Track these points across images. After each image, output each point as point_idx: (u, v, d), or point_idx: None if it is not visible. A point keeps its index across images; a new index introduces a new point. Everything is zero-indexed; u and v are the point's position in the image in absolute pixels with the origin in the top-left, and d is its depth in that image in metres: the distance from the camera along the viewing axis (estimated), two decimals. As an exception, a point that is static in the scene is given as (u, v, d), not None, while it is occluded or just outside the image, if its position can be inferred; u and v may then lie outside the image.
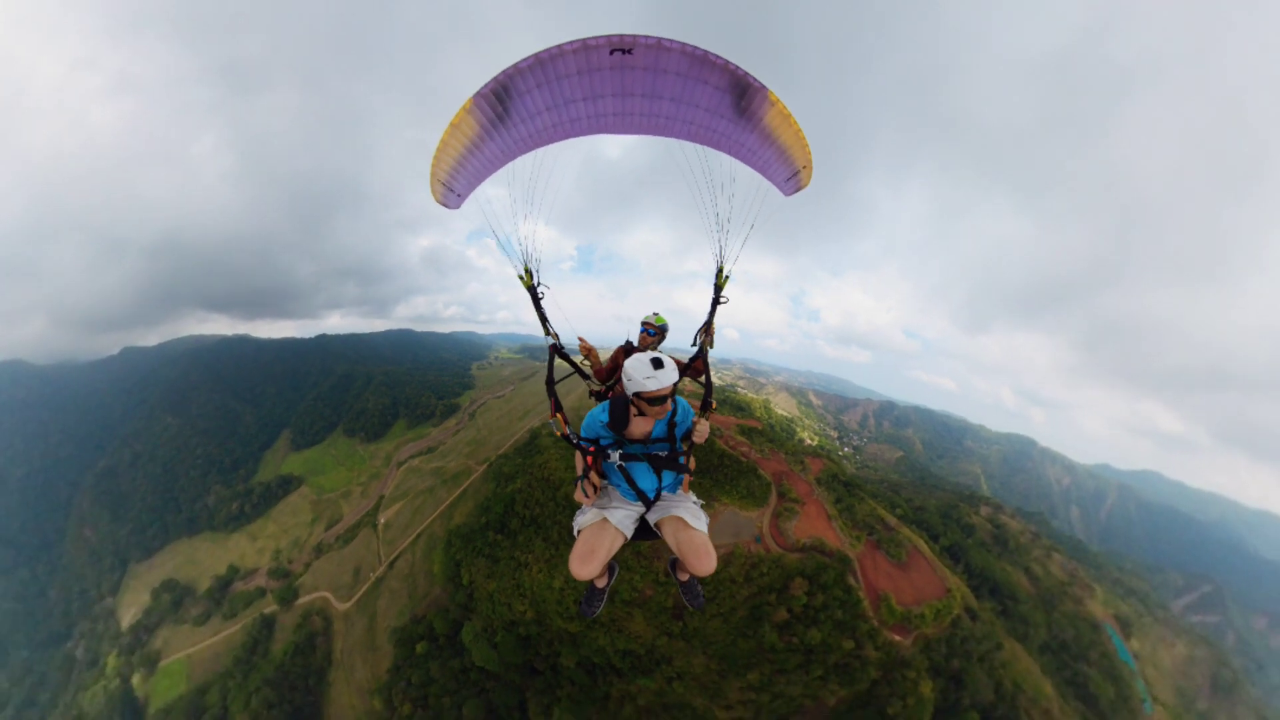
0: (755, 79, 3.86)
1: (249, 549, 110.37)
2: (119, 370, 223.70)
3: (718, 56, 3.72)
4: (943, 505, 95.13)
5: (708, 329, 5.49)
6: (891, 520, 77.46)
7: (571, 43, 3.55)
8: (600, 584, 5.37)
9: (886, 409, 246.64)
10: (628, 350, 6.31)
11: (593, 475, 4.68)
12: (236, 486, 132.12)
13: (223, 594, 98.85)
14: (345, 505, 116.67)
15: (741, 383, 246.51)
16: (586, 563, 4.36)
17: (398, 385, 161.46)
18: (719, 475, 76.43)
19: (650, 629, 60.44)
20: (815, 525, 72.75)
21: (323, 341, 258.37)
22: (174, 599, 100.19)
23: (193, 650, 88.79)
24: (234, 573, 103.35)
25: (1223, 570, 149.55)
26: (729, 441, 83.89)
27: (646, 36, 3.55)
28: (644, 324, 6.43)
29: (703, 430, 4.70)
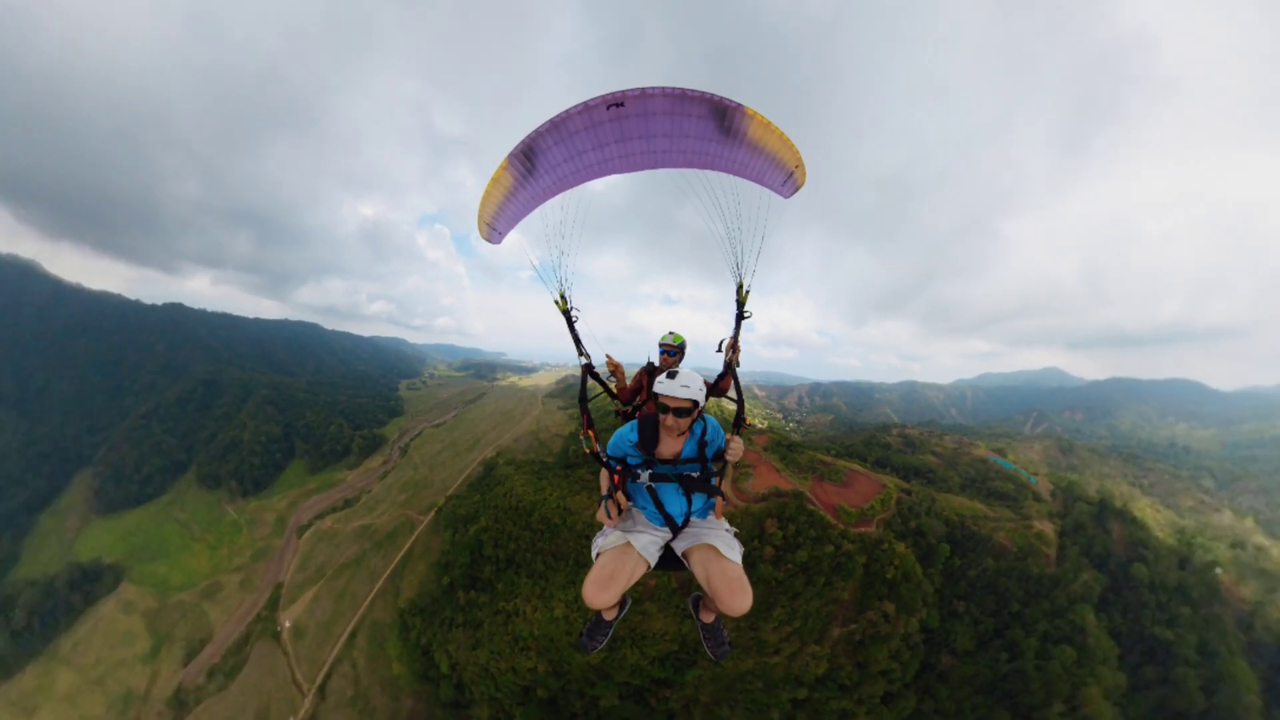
0: (731, 100, 4.25)
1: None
2: None
3: (694, 90, 4.16)
4: (865, 439, 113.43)
5: (734, 345, 5.51)
6: (828, 459, 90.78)
7: (575, 106, 4.24)
8: (609, 616, 4.88)
9: (815, 388, 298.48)
10: (650, 371, 6.26)
11: (618, 495, 4.50)
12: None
13: None
14: (213, 610, 76.83)
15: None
16: (605, 589, 4.07)
17: (294, 406, 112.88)
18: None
19: (671, 621, 59.36)
20: (768, 479, 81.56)
21: (176, 315, 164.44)
22: None
23: None
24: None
25: (1039, 403, 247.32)
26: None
27: (633, 89, 4.13)
28: (662, 345, 6.36)
29: (736, 448, 4.47)
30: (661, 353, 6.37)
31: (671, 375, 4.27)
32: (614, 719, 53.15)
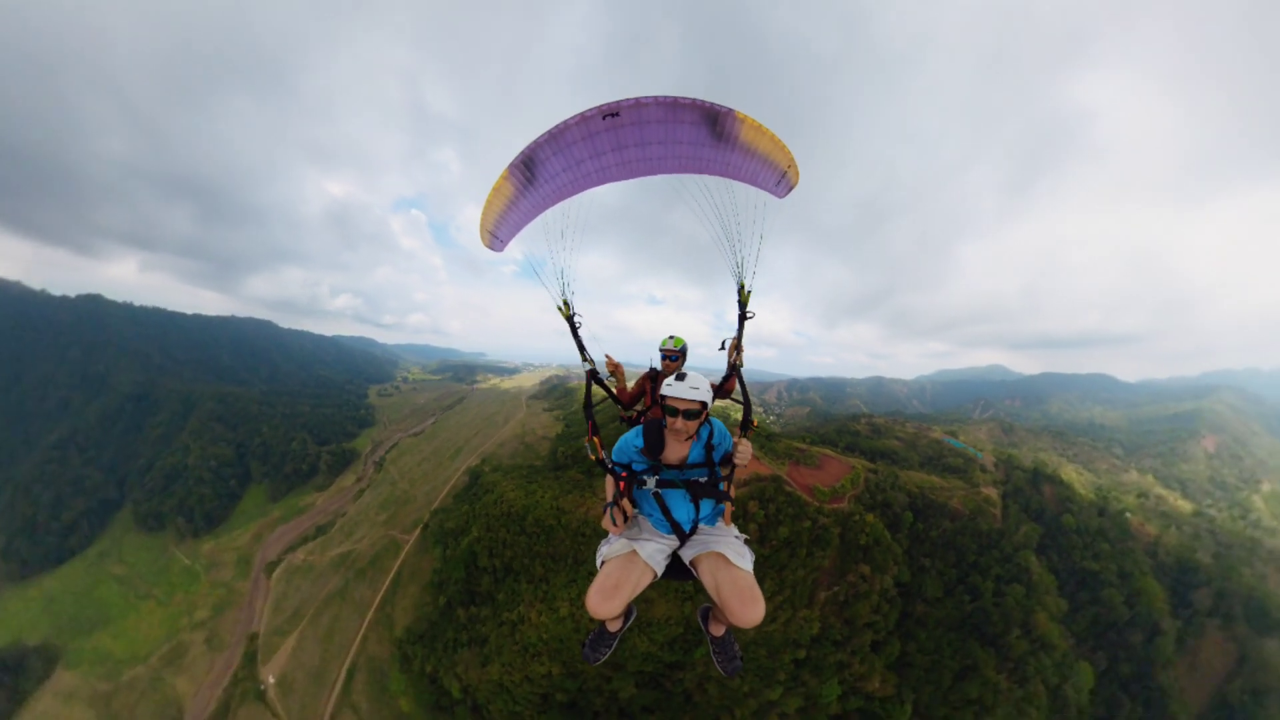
0: (721, 105, 4.42)
1: None
2: None
3: (686, 98, 4.36)
4: (837, 428, 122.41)
5: (738, 346, 5.54)
6: (803, 445, 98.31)
7: (573, 116, 4.50)
8: (613, 627, 4.76)
9: (793, 384, 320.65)
10: (653, 376, 6.27)
11: (624, 502, 4.39)
12: None
13: None
14: (179, 680, 66.81)
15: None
16: (610, 598, 3.94)
17: (247, 421, 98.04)
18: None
19: (673, 606, 61.39)
20: (748, 466, 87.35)
21: (94, 310, 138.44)
22: None
23: None
24: None
25: (986, 394, 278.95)
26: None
27: (627, 99, 4.38)
28: (663, 351, 6.33)
29: (745, 451, 4.38)
30: (663, 358, 6.32)
31: (680, 377, 4.27)
32: (635, 708, 54.46)
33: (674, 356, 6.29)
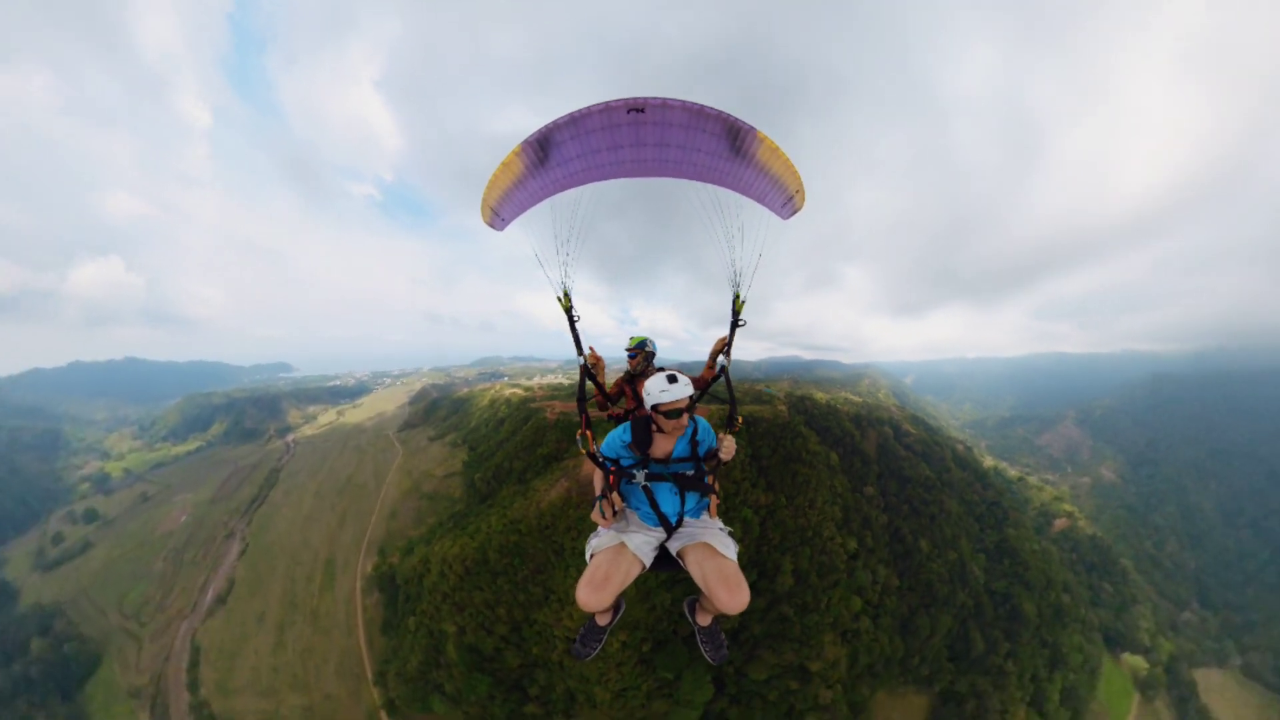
0: (745, 122, 4.63)
1: None
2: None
3: (712, 108, 4.54)
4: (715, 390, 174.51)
5: (727, 351, 5.98)
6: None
7: (597, 105, 4.54)
8: (603, 621, 5.07)
9: (683, 365, 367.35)
10: (629, 379, 6.77)
11: (613, 495, 4.73)
12: None
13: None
14: None
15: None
16: (599, 590, 4.21)
17: None
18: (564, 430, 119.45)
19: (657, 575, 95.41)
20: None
21: None
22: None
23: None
24: None
25: (791, 369, 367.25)
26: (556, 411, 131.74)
27: (655, 98, 4.45)
28: (630, 351, 6.94)
29: (729, 446, 4.76)
30: (630, 357, 6.91)
31: (672, 380, 4.57)
32: (677, 606, 71.39)
33: (649, 357, 6.94)
